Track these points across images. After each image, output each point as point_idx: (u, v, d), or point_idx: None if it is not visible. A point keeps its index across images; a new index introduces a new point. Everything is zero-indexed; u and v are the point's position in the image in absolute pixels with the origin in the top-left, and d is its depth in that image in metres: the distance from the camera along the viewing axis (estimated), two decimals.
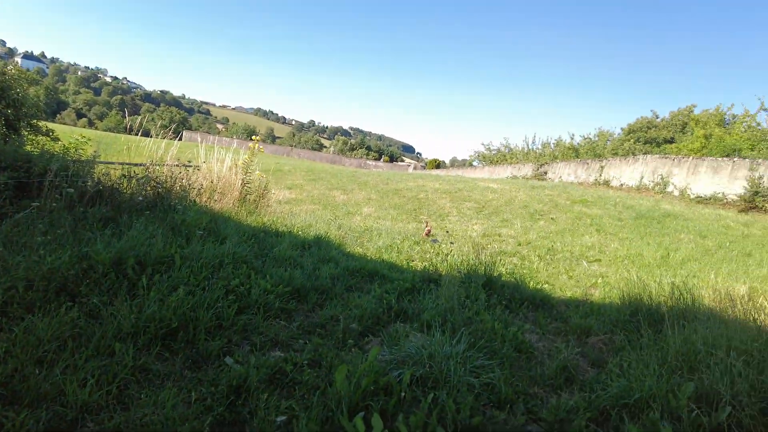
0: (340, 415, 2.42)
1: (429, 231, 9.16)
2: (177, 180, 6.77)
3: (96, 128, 74.87)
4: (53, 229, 4.35)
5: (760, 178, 15.25)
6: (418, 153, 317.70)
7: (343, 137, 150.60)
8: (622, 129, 38.61)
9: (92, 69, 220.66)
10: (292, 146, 75.83)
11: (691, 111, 33.97)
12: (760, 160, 15.80)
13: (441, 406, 2.66)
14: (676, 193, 17.88)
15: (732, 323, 4.22)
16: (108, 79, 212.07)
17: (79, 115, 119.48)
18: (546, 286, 6.41)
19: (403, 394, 2.72)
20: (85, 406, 2.37)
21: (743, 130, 24.46)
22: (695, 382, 3.08)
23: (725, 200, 15.90)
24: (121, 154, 7.73)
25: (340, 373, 2.69)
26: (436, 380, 3.03)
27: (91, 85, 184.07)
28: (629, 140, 34.32)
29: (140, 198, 5.88)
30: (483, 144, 48.41)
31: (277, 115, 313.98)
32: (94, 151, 6.21)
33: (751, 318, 4.46)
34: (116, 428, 2.26)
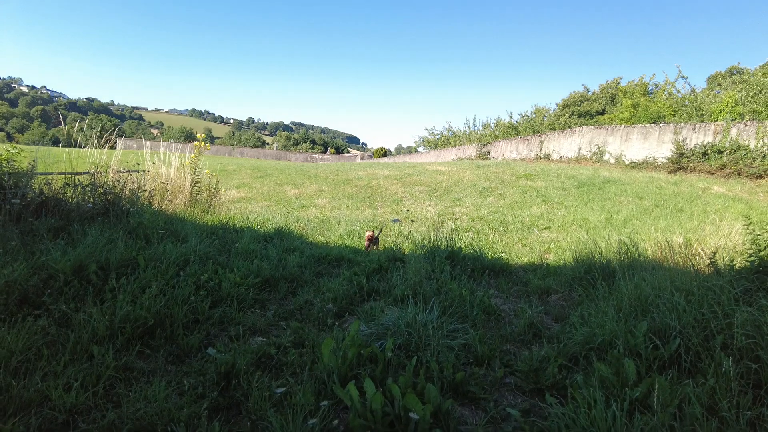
0: (333, 384, 2.52)
1: (371, 236, 6.87)
2: (126, 184, 6.55)
3: (17, 142, 69.68)
4: (1, 242, 4.15)
5: (684, 140, 16.42)
6: (363, 143, 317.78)
7: (286, 132, 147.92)
8: (557, 104, 40.28)
9: (4, 79, 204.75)
10: (233, 145, 73.79)
11: (618, 83, 35.92)
12: (682, 124, 16.99)
13: (426, 367, 2.81)
14: (612, 160, 18.94)
15: (673, 269, 4.63)
16: (24, 89, 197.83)
17: None
18: (503, 255, 6.72)
19: (389, 356, 2.85)
20: (74, 408, 2.34)
21: (665, 97, 26.15)
22: (648, 321, 3.40)
23: (656, 163, 17.02)
24: (56, 165, 7.34)
25: (326, 346, 2.77)
26: (416, 345, 3.18)
27: (5, 96, 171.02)
28: (564, 115, 35.84)
29: (89, 205, 5.65)
30: (426, 129, 49.05)
31: (213, 114, 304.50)
32: (32, 161, 5.88)
33: (689, 263, 4.91)
34: (110, 425, 2.25)
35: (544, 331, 3.89)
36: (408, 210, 10.54)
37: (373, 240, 6.86)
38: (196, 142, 8.97)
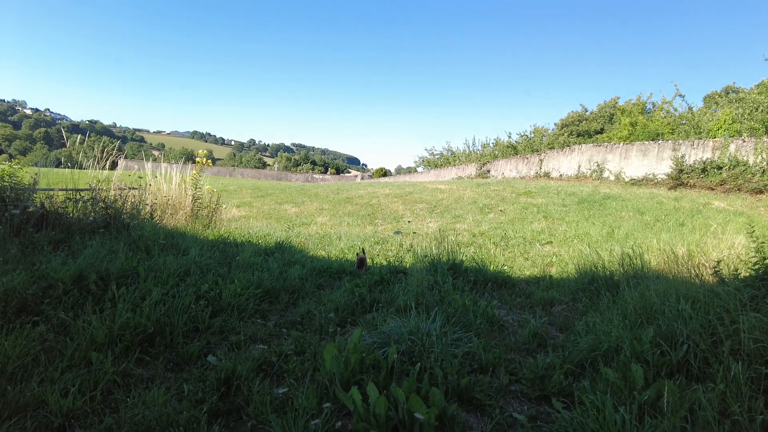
0: (336, 389, 2.47)
1: (363, 259, 6.03)
2: (127, 199, 6.55)
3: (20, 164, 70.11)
4: (1, 252, 4.13)
5: (683, 157, 16.49)
6: (363, 164, 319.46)
7: (286, 154, 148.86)
8: (555, 124, 40.59)
9: (8, 102, 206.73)
10: (234, 166, 74.20)
11: (616, 102, 36.29)
12: (681, 141, 17.08)
13: (429, 373, 2.76)
14: (612, 177, 18.99)
15: (678, 279, 4.59)
16: (28, 112, 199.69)
17: None
18: (505, 268, 6.67)
19: (393, 360, 2.80)
20: (70, 413, 2.30)
21: (663, 116, 26.39)
22: (654, 327, 3.35)
23: (656, 180, 17.06)
24: (57, 184, 7.36)
25: (328, 352, 2.73)
26: (419, 353, 3.12)
27: (9, 118, 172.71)
28: (563, 134, 36.09)
29: (90, 218, 5.64)
30: (426, 149, 49.29)
31: (215, 136, 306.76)
32: (35, 174, 5.90)
33: (693, 273, 4.87)
34: (107, 429, 2.19)
35: (549, 341, 3.83)
36: (410, 222, 10.53)
37: (363, 262, 5.92)
38: (198, 158, 9.01)
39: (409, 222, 11.40)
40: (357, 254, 6.35)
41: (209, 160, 9.32)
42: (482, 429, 2.49)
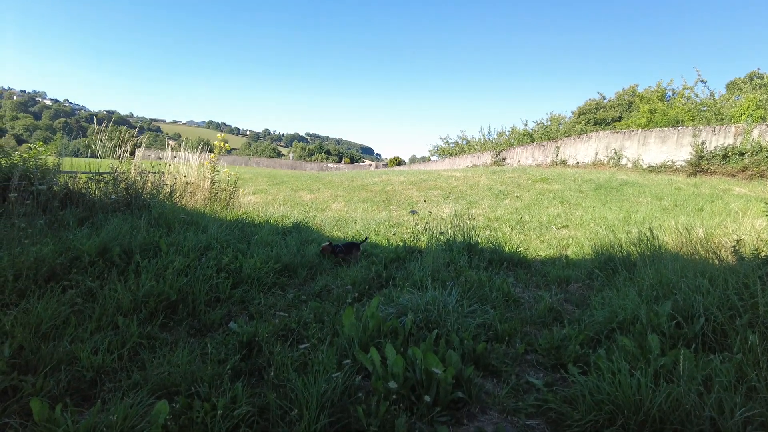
0: (355, 350, 2.53)
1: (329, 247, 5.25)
2: (148, 181, 6.67)
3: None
4: (30, 225, 4.26)
5: (703, 143, 16.18)
6: (377, 154, 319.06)
7: (301, 143, 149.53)
8: (572, 112, 40.03)
9: (29, 93, 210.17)
10: (249, 156, 74.78)
11: (635, 90, 35.61)
12: (701, 127, 16.75)
13: (446, 339, 2.81)
14: (630, 164, 18.74)
15: (696, 259, 4.56)
16: (48, 102, 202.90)
17: (20, 141, 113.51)
18: (521, 249, 6.67)
19: (409, 328, 2.85)
20: (101, 369, 2.41)
21: (683, 102, 25.83)
22: (671, 302, 3.35)
23: (674, 167, 16.79)
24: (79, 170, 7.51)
25: (347, 317, 2.79)
26: (436, 322, 3.17)
27: (30, 109, 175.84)
28: (580, 122, 35.56)
29: (112, 197, 5.78)
30: (441, 138, 48.81)
31: (230, 126, 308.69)
32: (57, 153, 6.05)
33: (711, 255, 4.82)
34: (136, 384, 2.29)
35: (565, 315, 3.85)
36: (429, 211, 10.59)
37: (335, 250, 5.23)
38: (216, 142, 9.12)
39: (428, 211, 11.42)
40: (322, 244, 5.34)
41: (227, 143, 9.42)
42: (499, 392, 2.53)
